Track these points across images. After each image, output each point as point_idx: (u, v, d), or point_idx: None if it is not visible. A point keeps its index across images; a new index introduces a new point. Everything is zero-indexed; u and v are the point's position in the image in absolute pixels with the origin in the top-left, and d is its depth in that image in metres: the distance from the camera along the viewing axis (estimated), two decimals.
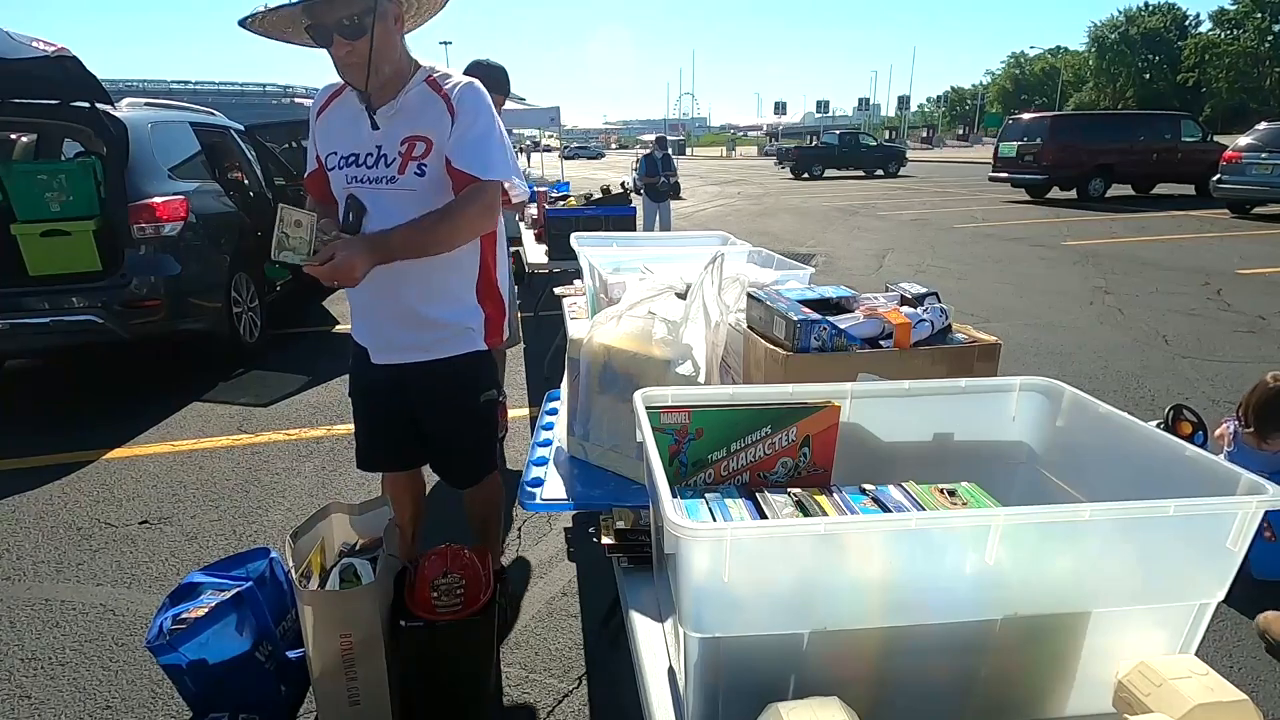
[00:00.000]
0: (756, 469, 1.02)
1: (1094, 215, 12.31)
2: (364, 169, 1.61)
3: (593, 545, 1.18)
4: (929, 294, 1.37)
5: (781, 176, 26.07)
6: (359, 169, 1.61)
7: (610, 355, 1.36)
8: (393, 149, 1.59)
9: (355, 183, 1.62)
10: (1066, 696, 0.83)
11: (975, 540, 0.73)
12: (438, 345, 1.74)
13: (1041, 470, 1.05)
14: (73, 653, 2.14)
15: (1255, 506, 0.74)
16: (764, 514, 0.90)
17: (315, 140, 1.72)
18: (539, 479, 1.40)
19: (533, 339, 5.37)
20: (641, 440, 0.90)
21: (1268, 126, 11.52)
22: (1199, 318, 5.68)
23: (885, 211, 13.93)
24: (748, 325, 1.33)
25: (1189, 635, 0.81)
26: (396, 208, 1.58)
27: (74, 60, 3.53)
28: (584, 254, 2.08)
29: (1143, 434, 0.90)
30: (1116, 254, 8.31)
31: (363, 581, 1.64)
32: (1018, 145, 14.56)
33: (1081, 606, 0.78)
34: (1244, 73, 55.86)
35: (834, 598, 0.75)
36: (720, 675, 0.76)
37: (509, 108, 12.64)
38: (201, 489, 3.14)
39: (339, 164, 1.63)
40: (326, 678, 1.64)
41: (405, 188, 1.59)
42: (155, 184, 4.07)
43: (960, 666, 0.80)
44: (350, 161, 1.62)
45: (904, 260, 8.54)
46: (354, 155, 1.62)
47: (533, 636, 2.18)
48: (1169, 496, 0.73)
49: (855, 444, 1.05)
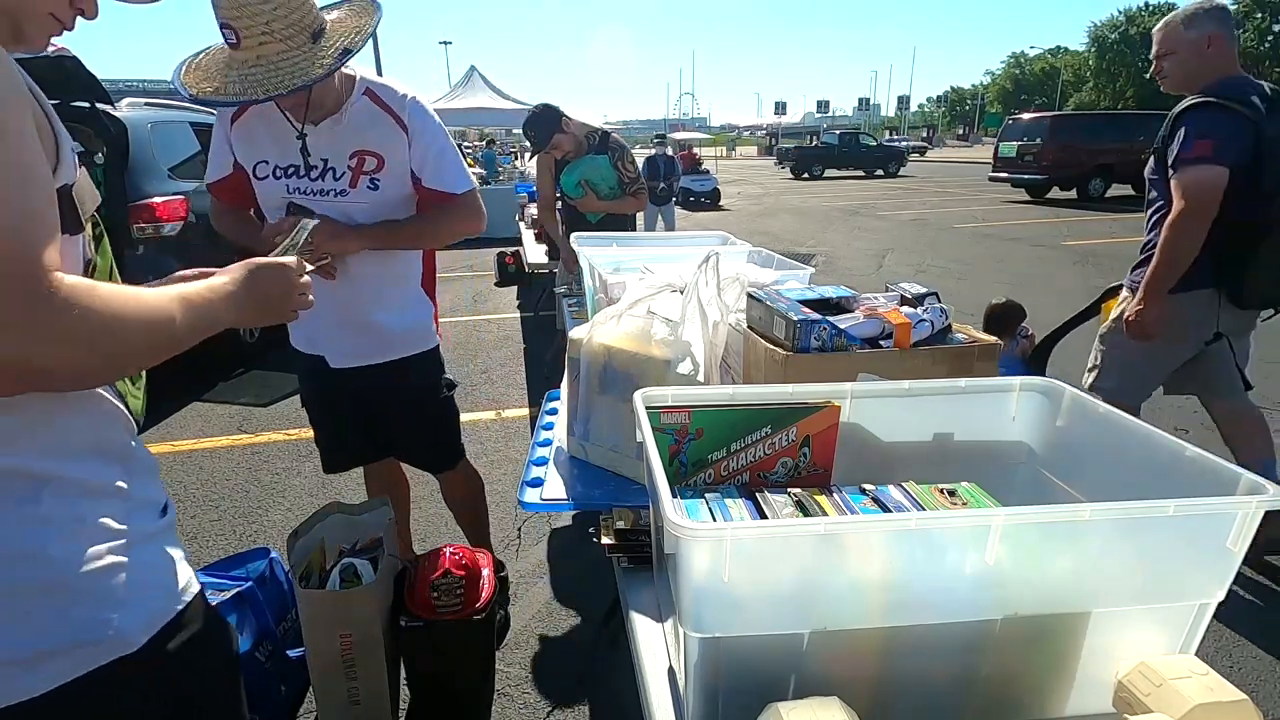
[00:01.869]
0: (756, 469, 1.02)
1: (1094, 215, 12.32)
2: (308, 181, 1.61)
3: (593, 545, 1.18)
4: (929, 294, 1.37)
5: (781, 176, 26.10)
6: (301, 180, 1.61)
7: (610, 355, 1.36)
8: (341, 162, 1.60)
9: (299, 194, 1.61)
10: (1066, 696, 0.83)
11: (975, 540, 0.73)
12: (398, 345, 1.80)
13: (1041, 470, 1.05)
14: None
15: (1255, 506, 0.73)
16: (764, 514, 0.90)
17: (231, 147, 1.66)
18: (539, 479, 1.40)
19: (532, 339, 5.38)
20: (641, 440, 0.90)
21: None
22: None
23: (885, 211, 13.95)
24: (748, 325, 1.33)
25: (1189, 635, 0.81)
26: (345, 220, 1.61)
27: (74, 60, 3.53)
28: (584, 254, 2.08)
29: (1143, 434, 0.90)
30: (1116, 254, 8.31)
31: (363, 581, 1.64)
32: (1018, 145, 14.57)
33: (1081, 606, 0.78)
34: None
35: (834, 598, 0.75)
36: (720, 675, 0.76)
37: (510, 107, 12.59)
38: (201, 489, 3.14)
39: (274, 174, 1.62)
40: (326, 678, 1.64)
41: (357, 201, 1.61)
42: (155, 184, 4.07)
43: (960, 666, 0.80)
44: (290, 173, 1.61)
45: (904, 260, 8.54)
46: (294, 167, 1.61)
47: (533, 636, 2.18)
48: (1169, 496, 0.73)
49: (855, 444, 1.05)
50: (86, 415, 0.77)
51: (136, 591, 0.76)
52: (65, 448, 0.75)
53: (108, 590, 0.74)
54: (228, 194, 1.74)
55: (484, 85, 12.97)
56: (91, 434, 0.77)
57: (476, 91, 12.81)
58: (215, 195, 1.77)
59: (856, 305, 1.35)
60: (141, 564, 0.78)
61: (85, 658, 0.72)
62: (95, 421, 0.78)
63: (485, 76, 13.20)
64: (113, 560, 0.75)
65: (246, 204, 1.74)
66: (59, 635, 0.71)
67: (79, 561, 0.72)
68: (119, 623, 0.74)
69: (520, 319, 6.03)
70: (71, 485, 0.74)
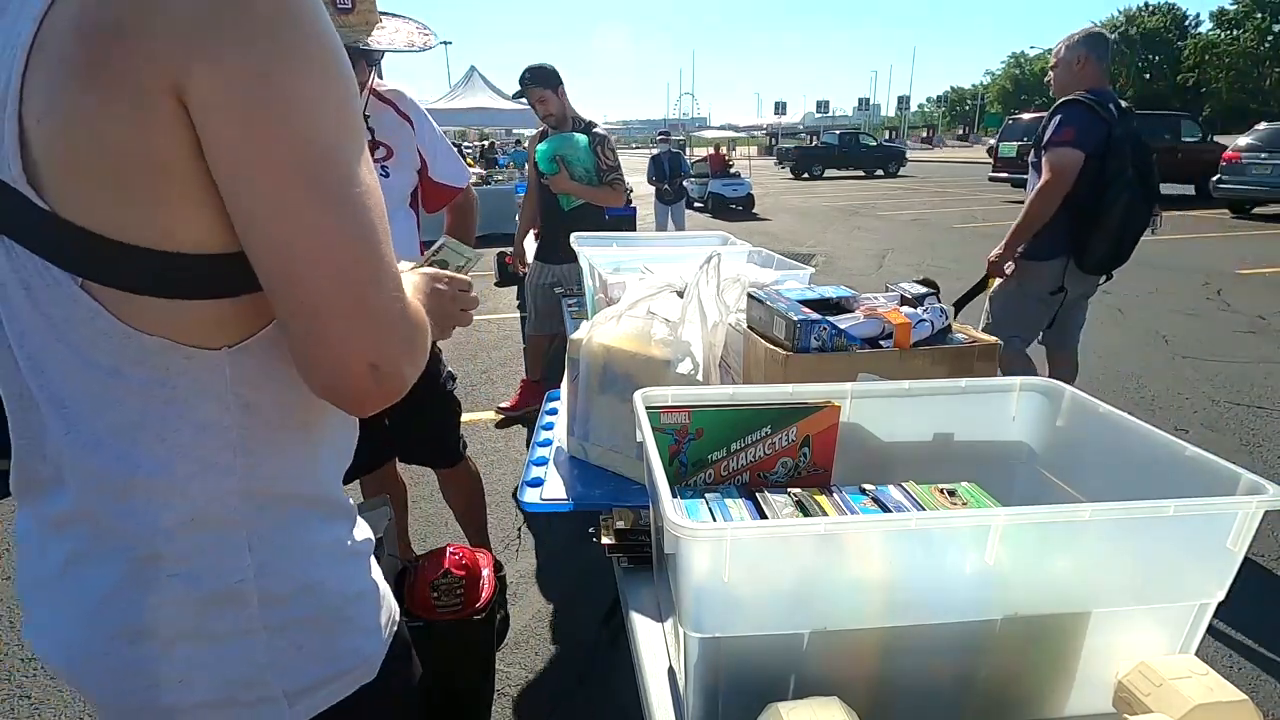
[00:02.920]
0: (756, 469, 1.02)
1: None
2: None
3: (593, 545, 1.18)
4: (929, 294, 1.37)
5: (781, 176, 26.08)
6: None
7: (610, 355, 1.35)
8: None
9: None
10: (1066, 696, 0.83)
11: (975, 540, 0.73)
12: None
13: (1041, 470, 1.05)
14: None
15: (1255, 506, 0.73)
16: (764, 514, 0.90)
17: None
18: (539, 479, 1.40)
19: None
20: (641, 440, 0.90)
21: (1268, 126, 11.52)
22: (1199, 318, 5.69)
23: (885, 211, 13.94)
24: (748, 325, 1.33)
25: (1189, 635, 0.81)
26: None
27: None
28: (584, 254, 2.08)
29: (1143, 434, 0.90)
30: None
31: None
32: (1018, 145, 14.55)
33: (1081, 606, 0.78)
34: (1244, 73, 55.85)
35: (834, 598, 0.75)
36: (720, 675, 0.76)
37: (510, 107, 12.57)
38: None
39: None
40: None
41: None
42: None
43: (960, 666, 0.80)
44: None
45: (904, 260, 8.54)
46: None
47: (533, 636, 2.18)
48: (1169, 496, 0.73)
49: (855, 444, 1.05)
50: (346, 432, 0.75)
51: (375, 616, 0.75)
52: (331, 472, 0.73)
53: (362, 616, 0.73)
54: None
55: (484, 85, 12.97)
56: (339, 452, 0.75)
57: (476, 91, 12.81)
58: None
59: (857, 305, 1.35)
60: (375, 586, 0.76)
61: (339, 688, 0.71)
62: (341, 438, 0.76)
63: (485, 76, 13.19)
64: (364, 585, 0.74)
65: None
66: (325, 667, 0.69)
67: (346, 590, 0.72)
68: (367, 650, 0.73)
69: (520, 319, 6.03)
70: (338, 509, 0.73)
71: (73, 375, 0.59)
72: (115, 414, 0.60)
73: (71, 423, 0.60)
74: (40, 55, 0.52)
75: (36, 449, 0.64)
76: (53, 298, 0.57)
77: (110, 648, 0.64)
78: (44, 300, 0.57)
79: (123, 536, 0.62)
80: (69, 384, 0.60)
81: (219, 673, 0.65)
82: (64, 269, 0.56)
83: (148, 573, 0.62)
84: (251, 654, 0.65)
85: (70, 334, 0.58)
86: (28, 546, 0.68)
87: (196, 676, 0.64)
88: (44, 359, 0.60)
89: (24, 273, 0.57)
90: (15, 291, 0.58)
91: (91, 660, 0.65)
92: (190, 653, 0.64)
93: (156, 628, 0.63)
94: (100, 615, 0.64)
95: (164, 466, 0.61)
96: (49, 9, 0.52)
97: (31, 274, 0.57)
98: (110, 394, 0.59)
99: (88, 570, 0.64)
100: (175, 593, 0.63)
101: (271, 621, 0.66)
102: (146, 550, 0.62)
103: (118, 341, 0.58)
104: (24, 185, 0.54)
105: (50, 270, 0.56)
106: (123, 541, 0.62)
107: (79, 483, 0.62)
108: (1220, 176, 11.51)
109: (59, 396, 0.60)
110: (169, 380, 0.59)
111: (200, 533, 0.63)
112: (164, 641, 0.63)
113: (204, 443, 0.62)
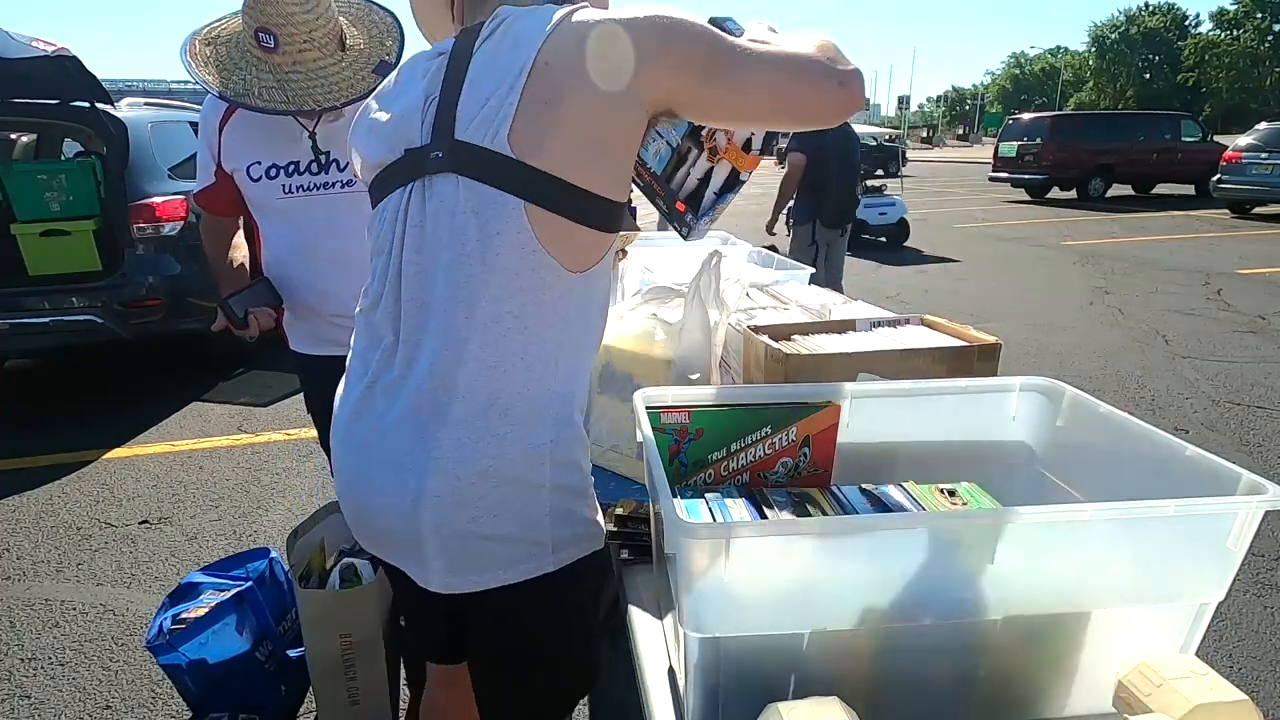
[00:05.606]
0: (756, 469, 1.02)
1: (1094, 215, 12.32)
2: (309, 176, 1.58)
3: None
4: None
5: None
6: (303, 177, 1.58)
7: (610, 355, 1.36)
8: (344, 154, 1.56)
9: (299, 191, 1.58)
10: (1066, 696, 0.83)
11: (975, 540, 0.73)
12: None
13: (1041, 470, 1.05)
14: (72, 653, 2.14)
15: (1255, 506, 0.73)
16: (764, 514, 0.90)
17: (220, 153, 1.60)
18: None
19: None
20: (641, 440, 0.90)
21: (1268, 126, 11.52)
22: (1199, 318, 5.69)
23: None
24: (748, 325, 1.33)
25: (1189, 635, 0.81)
26: (344, 214, 1.57)
27: (74, 60, 3.53)
28: None
29: (1143, 434, 0.90)
30: (1116, 254, 8.31)
31: (363, 581, 1.64)
32: (1018, 145, 14.55)
33: (1081, 606, 0.78)
34: (1244, 73, 55.86)
35: (834, 598, 0.75)
36: (720, 675, 0.76)
37: None
38: (201, 489, 3.15)
39: (268, 174, 1.57)
40: (326, 678, 1.64)
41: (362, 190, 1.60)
42: (155, 184, 4.07)
43: (960, 666, 0.80)
44: (290, 170, 1.58)
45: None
46: (294, 164, 1.57)
47: None
48: (1169, 496, 0.73)
49: (855, 444, 1.05)
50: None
51: (595, 500, 0.97)
52: (584, 382, 0.95)
53: (592, 498, 0.96)
54: (217, 203, 1.67)
55: None
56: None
57: None
58: (204, 207, 1.70)
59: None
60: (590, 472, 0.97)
61: (582, 547, 0.93)
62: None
63: None
64: (590, 478, 0.96)
65: (235, 212, 1.69)
66: (576, 527, 0.92)
67: (588, 474, 0.94)
68: (599, 522, 0.96)
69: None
70: (580, 401, 0.93)
71: (486, 279, 0.82)
72: (497, 308, 0.83)
73: (471, 308, 0.83)
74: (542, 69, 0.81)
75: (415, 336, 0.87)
76: (497, 215, 0.81)
77: (453, 486, 0.84)
78: (490, 219, 0.81)
79: (480, 398, 0.83)
80: (473, 285, 0.83)
81: (521, 514, 0.87)
82: (516, 196, 0.81)
83: (499, 429, 0.84)
84: (541, 504, 0.87)
85: (496, 241, 0.81)
86: (374, 400, 0.89)
87: (507, 515, 0.86)
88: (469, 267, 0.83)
89: (477, 201, 0.82)
90: (467, 219, 0.82)
91: (435, 497, 0.84)
92: (510, 495, 0.85)
93: (501, 469, 0.84)
94: (453, 459, 0.84)
95: (519, 352, 0.84)
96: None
97: (485, 202, 0.81)
98: (504, 290, 0.82)
99: (442, 429, 0.84)
100: (513, 447, 0.85)
101: (556, 482, 0.88)
102: (499, 411, 0.84)
103: (528, 254, 0.82)
104: (504, 147, 0.80)
105: (504, 196, 0.81)
106: (481, 402, 0.83)
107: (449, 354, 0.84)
108: (1220, 176, 11.52)
109: (463, 295, 0.83)
110: (544, 290, 0.83)
111: (527, 405, 0.85)
112: (498, 481, 0.85)
113: (546, 339, 0.85)
